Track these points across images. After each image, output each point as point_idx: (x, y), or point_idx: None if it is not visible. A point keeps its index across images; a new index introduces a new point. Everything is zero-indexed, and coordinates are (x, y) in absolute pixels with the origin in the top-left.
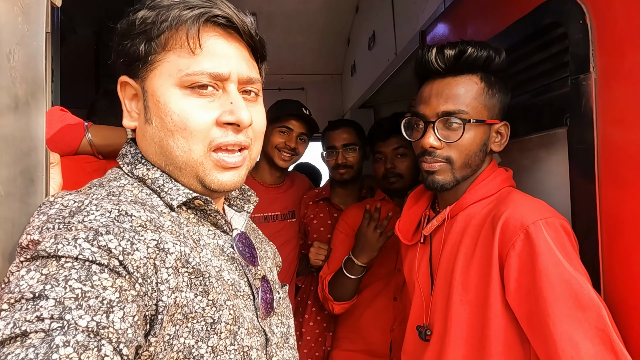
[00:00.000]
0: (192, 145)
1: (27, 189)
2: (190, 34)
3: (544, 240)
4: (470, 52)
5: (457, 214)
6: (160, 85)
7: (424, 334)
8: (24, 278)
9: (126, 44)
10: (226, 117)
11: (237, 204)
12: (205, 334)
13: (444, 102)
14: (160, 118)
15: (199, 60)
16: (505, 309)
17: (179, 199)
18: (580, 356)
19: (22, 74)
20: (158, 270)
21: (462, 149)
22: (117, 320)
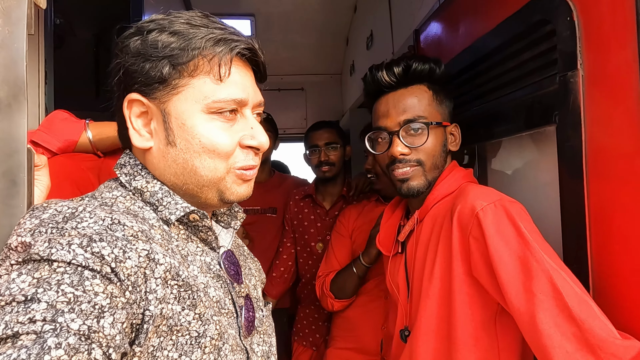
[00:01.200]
0: (218, 164)
1: (8, 191)
2: (223, 64)
3: (491, 222)
4: (415, 65)
5: (425, 217)
6: (186, 109)
7: (404, 335)
8: (15, 281)
9: (144, 65)
10: (249, 141)
11: (224, 220)
12: (189, 347)
13: (402, 111)
14: (186, 140)
15: (224, 88)
16: (469, 299)
17: (177, 213)
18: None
19: (3, 76)
20: (147, 280)
21: (428, 151)
22: (107, 326)
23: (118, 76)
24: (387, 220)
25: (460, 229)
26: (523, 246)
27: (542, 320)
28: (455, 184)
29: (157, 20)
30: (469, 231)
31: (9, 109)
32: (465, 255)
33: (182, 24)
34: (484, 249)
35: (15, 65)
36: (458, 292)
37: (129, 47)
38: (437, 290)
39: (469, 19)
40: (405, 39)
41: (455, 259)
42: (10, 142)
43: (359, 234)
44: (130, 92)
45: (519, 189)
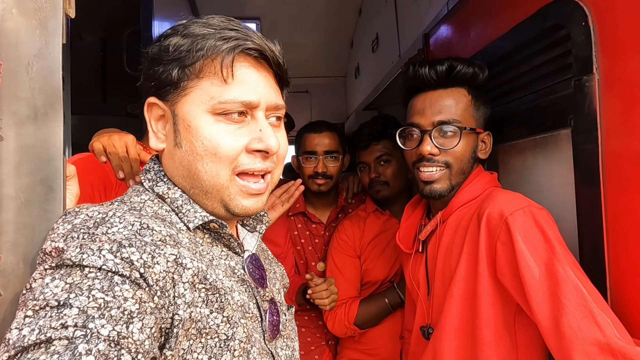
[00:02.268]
0: (220, 170)
1: (46, 197)
2: (225, 64)
3: (520, 228)
4: (459, 68)
5: (448, 218)
6: (192, 110)
7: (427, 333)
8: (49, 286)
9: (158, 69)
10: (255, 145)
11: (249, 224)
12: (219, 350)
13: (437, 112)
14: (190, 142)
15: (231, 89)
16: (493, 301)
17: (196, 221)
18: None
19: (40, 85)
20: (176, 285)
21: (457, 155)
22: (136, 331)
23: (140, 82)
24: (408, 219)
25: (488, 232)
26: (550, 253)
27: (566, 325)
28: (481, 189)
29: (176, 26)
30: (497, 235)
31: (45, 117)
32: (491, 259)
33: (198, 26)
34: (510, 254)
35: (51, 75)
36: (482, 294)
37: (149, 54)
38: (462, 290)
39: (480, 23)
40: (412, 42)
41: (481, 262)
42: (48, 150)
43: (371, 251)
44: (149, 96)
45: (531, 193)
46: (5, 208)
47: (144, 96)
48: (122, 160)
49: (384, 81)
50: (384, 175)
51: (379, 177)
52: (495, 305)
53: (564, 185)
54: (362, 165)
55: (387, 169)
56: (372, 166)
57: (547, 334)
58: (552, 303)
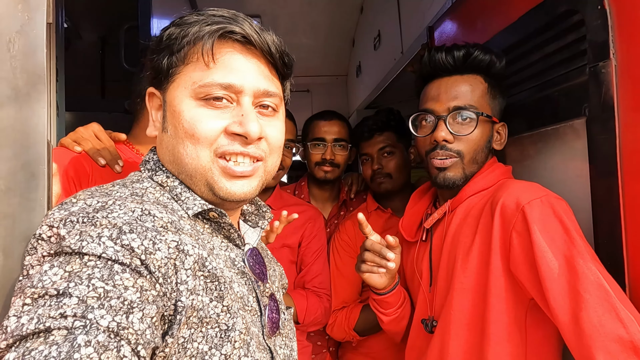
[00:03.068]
0: (200, 151)
1: (28, 184)
2: (205, 49)
3: (537, 217)
4: (476, 53)
5: (457, 207)
6: (177, 96)
7: (430, 326)
8: (47, 274)
9: (154, 58)
10: (234, 128)
11: (251, 219)
12: (219, 340)
13: (453, 98)
14: (174, 126)
15: (212, 73)
16: (505, 294)
17: (195, 209)
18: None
19: (23, 64)
20: (178, 271)
21: (471, 143)
22: (137, 321)
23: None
24: (413, 207)
25: (502, 222)
26: (570, 244)
27: (587, 320)
28: (494, 179)
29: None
30: (512, 225)
31: (27, 98)
32: (505, 250)
33: (193, 16)
34: (527, 244)
35: (34, 53)
36: (494, 286)
37: (150, 46)
38: (472, 283)
39: (488, 13)
40: (415, 37)
41: (494, 253)
42: (30, 133)
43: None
44: (149, 86)
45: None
46: None
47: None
48: (98, 148)
49: (386, 79)
50: (387, 168)
51: (382, 169)
52: (507, 300)
53: (576, 178)
54: (364, 157)
55: (390, 161)
56: (375, 158)
57: (566, 329)
58: (571, 297)
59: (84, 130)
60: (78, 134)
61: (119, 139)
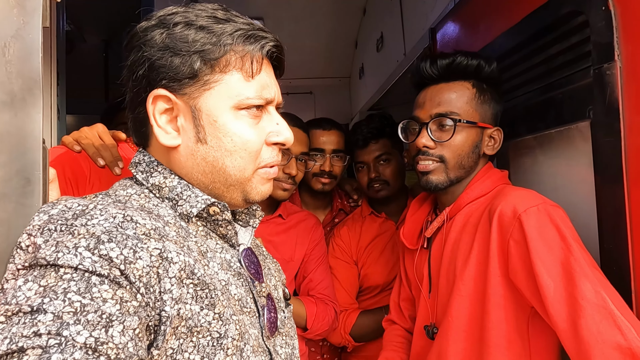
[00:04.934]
0: (247, 164)
1: (23, 190)
2: (254, 62)
3: (534, 226)
4: (460, 60)
5: (456, 215)
6: (218, 106)
7: (432, 333)
8: (21, 289)
9: (172, 59)
10: (275, 138)
11: (242, 219)
12: (211, 349)
13: (436, 105)
14: (217, 138)
15: (254, 85)
16: (505, 302)
17: (198, 205)
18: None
19: (18, 68)
20: (161, 280)
21: (454, 148)
22: (117, 335)
23: (142, 70)
24: (413, 214)
25: (500, 230)
26: (566, 251)
27: (585, 328)
28: (491, 185)
29: (180, 13)
30: (510, 233)
31: (23, 103)
32: (504, 258)
33: (207, 18)
34: (524, 252)
35: (30, 57)
36: (493, 294)
37: (154, 40)
38: (471, 290)
39: (491, 14)
40: (418, 39)
41: (492, 261)
42: (25, 139)
43: (368, 255)
44: (155, 88)
45: (545, 191)
46: None
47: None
48: (99, 149)
49: (389, 81)
50: (384, 175)
51: (379, 177)
52: (507, 307)
53: (581, 181)
54: (360, 165)
55: (386, 168)
56: (371, 165)
57: (565, 337)
58: (569, 304)
59: (88, 130)
60: (81, 133)
61: (118, 137)
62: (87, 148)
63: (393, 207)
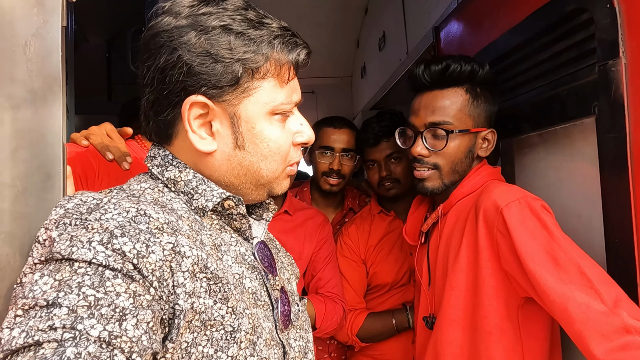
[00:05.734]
0: (279, 166)
1: (44, 184)
2: (291, 70)
3: (516, 218)
4: (454, 67)
5: (449, 211)
6: (256, 113)
7: (431, 323)
8: (38, 283)
9: (214, 66)
10: (300, 139)
11: (256, 212)
12: (225, 343)
13: (430, 113)
14: (255, 144)
15: (287, 90)
16: (496, 292)
17: (214, 200)
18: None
19: (38, 66)
20: (174, 273)
21: (447, 156)
22: (131, 328)
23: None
24: (414, 212)
25: (486, 225)
26: (549, 238)
27: (576, 308)
28: (481, 182)
29: (215, 14)
30: (496, 227)
31: (43, 100)
32: (493, 249)
33: (241, 21)
34: (511, 244)
35: (50, 56)
36: (484, 285)
37: (192, 43)
38: (463, 282)
39: (495, 12)
40: (420, 38)
41: (482, 253)
42: (46, 135)
43: (377, 253)
44: (193, 94)
45: (550, 187)
46: (1, 196)
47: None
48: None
49: (391, 80)
50: (395, 173)
51: (390, 175)
52: (498, 297)
53: (586, 178)
54: (370, 163)
55: (397, 166)
56: (382, 164)
57: (560, 319)
58: (558, 287)
59: (97, 129)
60: (90, 131)
61: (125, 133)
62: (95, 143)
63: (402, 206)
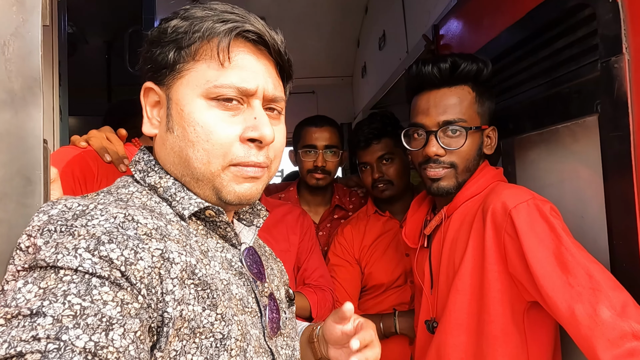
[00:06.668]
0: (212, 158)
1: (24, 189)
2: (221, 47)
3: (524, 220)
4: (463, 65)
5: (453, 213)
6: (186, 94)
7: (432, 327)
8: (21, 291)
9: (155, 51)
10: (249, 133)
11: (246, 218)
12: (215, 351)
13: (442, 112)
14: (182, 127)
15: (228, 73)
16: (501, 296)
17: (191, 208)
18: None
19: (18, 67)
20: (163, 280)
21: (463, 154)
22: (117, 338)
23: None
24: (413, 214)
25: (494, 227)
26: (557, 242)
27: (582, 312)
28: (485, 183)
29: (179, 9)
30: (504, 229)
31: (23, 102)
32: (500, 252)
33: (199, 9)
34: (518, 246)
35: (30, 56)
36: (490, 288)
37: (149, 36)
38: (468, 285)
39: (495, 9)
40: (420, 37)
41: (489, 256)
42: (26, 138)
43: (372, 254)
44: (146, 81)
45: (552, 187)
46: None
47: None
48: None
49: (392, 79)
50: (388, 175)
51: (383, 177)
52: (503, 301)
53: (589, 177)
54: (363, 165)
55: (390, 167)
56: (374, 166)
57: (566, 323)
58: (565, 292)
59: (97, 132)
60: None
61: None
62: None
63: (398, 206)
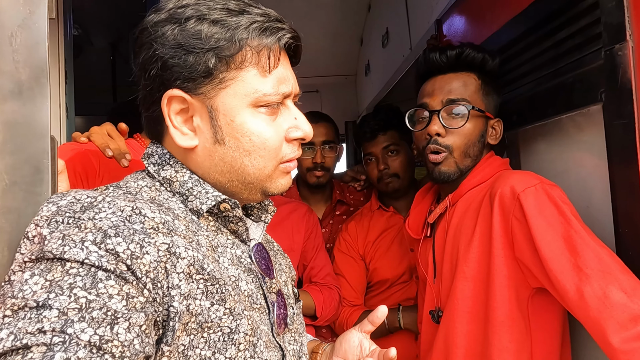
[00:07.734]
0: (267, 163)
1: (32, 178)
2: (270, 56)
3: (533, 204)
4: (468, 52)
5: (458, 201)
6: (234, 105)
7: (437, 317)
8: (28, 282)
9: (186, 58)
10: (295, 134)
11: (254, 214)
12: (222, 344)
13: (447, 92)
14: (235, 138)
15: (271, 80)
16: (508, 282)
17: (209, 202)
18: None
19: (25, 58)
20: (169, 275)
21: (462, 137)
22: (122, 332)
23: (154, 69)
24: (417, 205)
25: (502, 211)
26: (566, 225)
27: (592, 294)
28: (492, 172)
29: (192, 6)
30: (512, 213)
31: (31, 92)
32: (507, 238)
33: (220, 10)
34: (526, 230)
35: (37, 47)
36: (497, 275)
37: (166, 36)
38: (474, 272)
39: (497, 1)
40: (424, 32)
41: (496, 242)
42: (34, 127)
43: (376, 249)
44: (170, 88)
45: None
46: None
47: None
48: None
49: (395, 76)
50: (393, 167)
51: (388, 170)
52: (510, 287)
53: (594, 167)
54: (368, 157)
55: (395, 160)
56: (380, 157)
57: (575, 307)
58: (574, 275)
59: (98, 129)
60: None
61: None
62: (96, 141)
63: (402, 202)
